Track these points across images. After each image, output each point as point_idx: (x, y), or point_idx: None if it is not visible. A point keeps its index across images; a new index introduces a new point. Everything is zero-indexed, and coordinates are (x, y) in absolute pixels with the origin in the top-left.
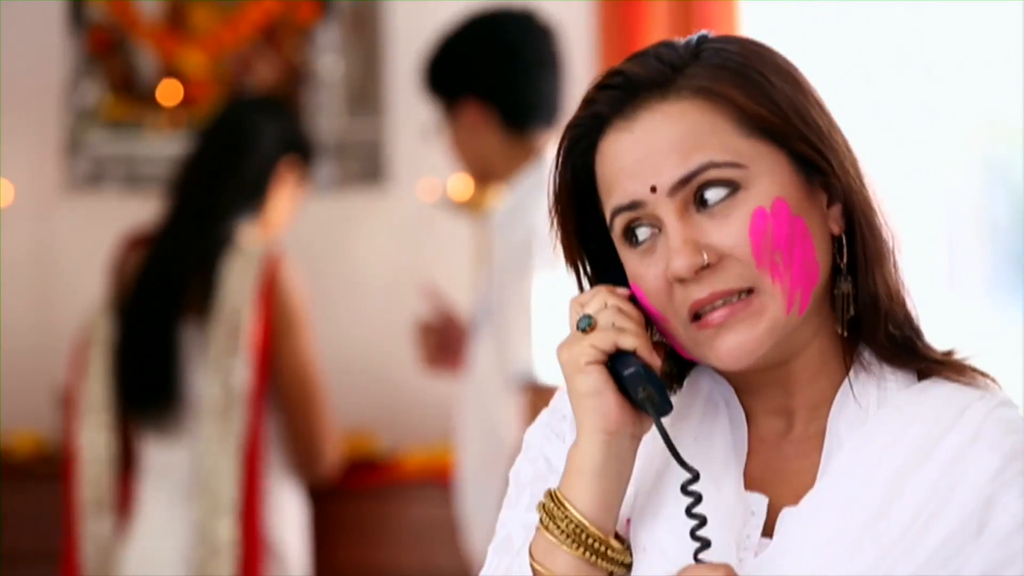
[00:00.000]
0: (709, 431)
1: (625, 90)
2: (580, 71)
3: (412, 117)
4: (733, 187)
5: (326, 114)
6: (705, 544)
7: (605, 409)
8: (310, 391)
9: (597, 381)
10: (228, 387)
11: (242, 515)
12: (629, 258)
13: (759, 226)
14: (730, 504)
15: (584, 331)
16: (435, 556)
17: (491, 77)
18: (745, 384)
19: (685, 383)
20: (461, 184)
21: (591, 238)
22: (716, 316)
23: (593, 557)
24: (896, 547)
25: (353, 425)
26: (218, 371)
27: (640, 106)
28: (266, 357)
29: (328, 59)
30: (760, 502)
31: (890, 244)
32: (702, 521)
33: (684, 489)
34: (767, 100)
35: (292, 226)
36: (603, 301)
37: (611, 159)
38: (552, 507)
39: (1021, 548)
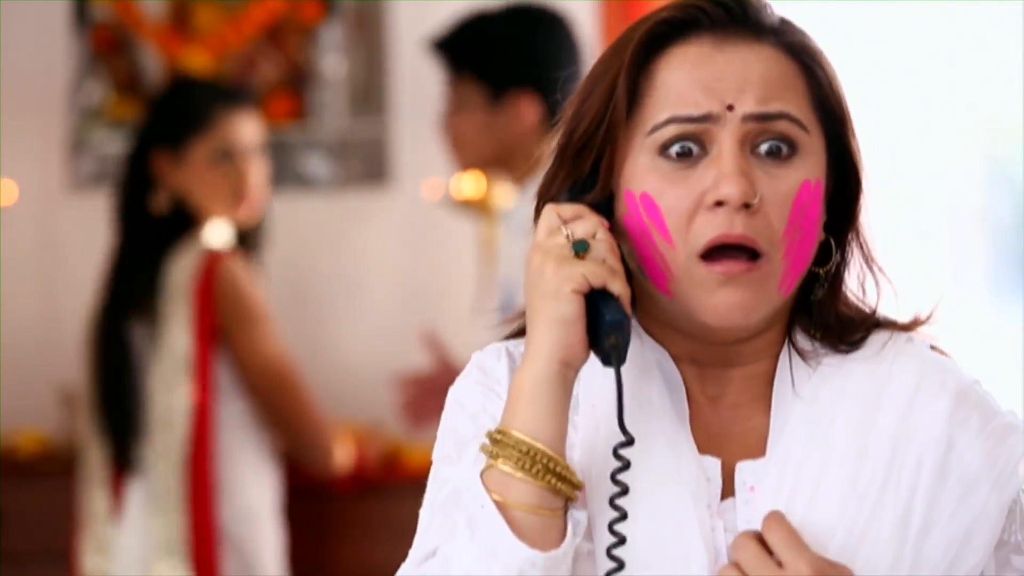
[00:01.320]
0: (645, 392)
1: (726, 13)
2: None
3: (416, 116)
4: (794, 150)
5: (330, 113)
6: (624, 490)
7: (570, 341)
8: (281, 384)
9: (574, 312)
10: (174, 384)
11: (190, 511)
12: (656, 169)
13: (803, 198)
14: (692, 468)
15: (577, 255)
16: None
17: (550, 72)
18: (688, 348)
19: None
20: (465, 183)
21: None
22: (732, 266)
23: (551, 479)
24: (874, 501)
25: (359, 423)
26: (161, 369)
27: (736, 33)
28: (208, 353)
29: (332, 58)
30: (714, 464)
31: (873, 259)
32: (624, 489)
33: (616, 452)
34: (836, 89)
35: (296, 225)
36: (594, 229)
37: (689, 67)
38: (500, 437)
39: (986, 494)
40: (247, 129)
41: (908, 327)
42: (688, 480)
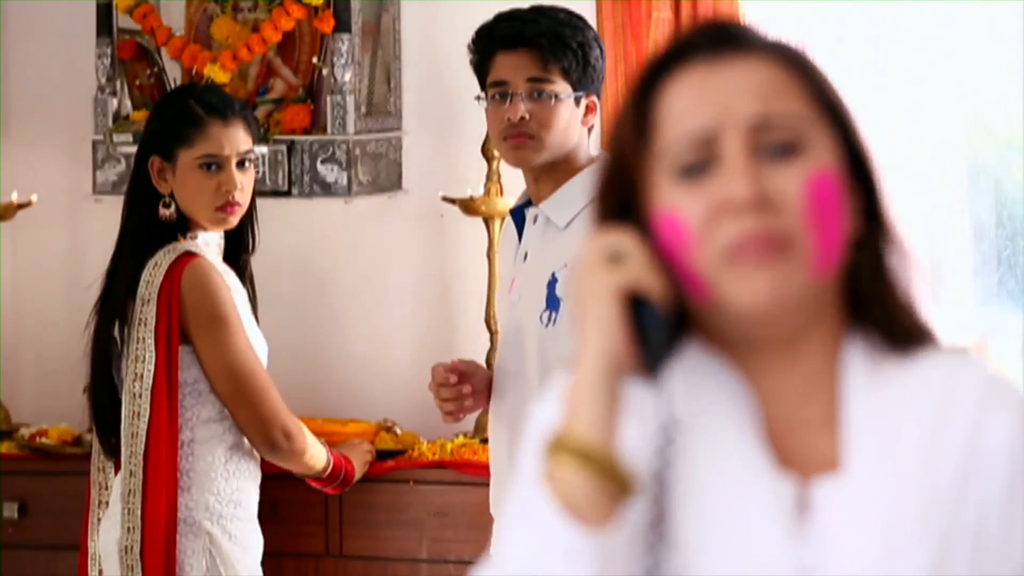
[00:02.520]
0: (718, 410)
1: (715, 36)
2: None
3: (428, 124)
4: (798, 144)
5: (344, 122)
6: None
7: (612, 343)
8: (240, 389)
9: (613, 314)
10: (139, 379)
11: (146, 506)
12: (671, 187)
13: (817, 185)
14: (763, 484)
15: (612, 262)
16: (451, 543)
17: (602, 79)
18: (744, 351)
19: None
20: (475, 189)
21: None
22: (753, 257)
23: (606, 480)
24: (947, 516)
25: (373, 419)
26: (131, 366)
27: (726, 52)
28: (172, 354)
29: (345, 67)
30: (789, 483)
31: (907, 250)
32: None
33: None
34: (837, 93)
35: (312, 231)
36: (630, 241)
37: (687, 90)
38: (556, 443)
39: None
40: (233, 139)
41: (966, 350)
42: (761, 496)
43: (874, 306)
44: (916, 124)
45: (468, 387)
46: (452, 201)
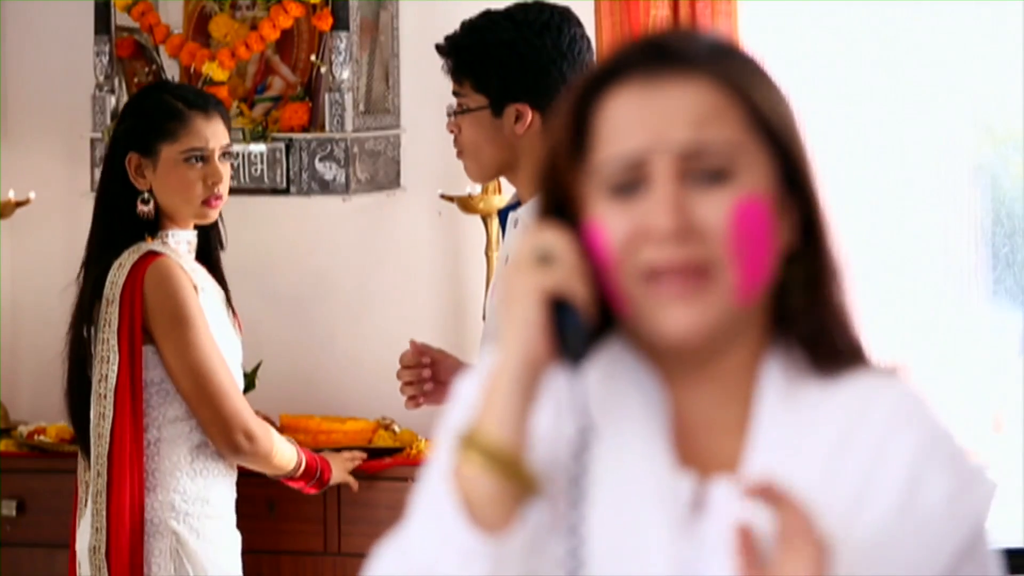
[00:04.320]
0: (625, 406)
1: (653, 53)
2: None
3: (426, 121)
4: (728, 171)
5: (342, 119)
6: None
7: (533, 343)
8: (200, 390)
9: (536, 316)
10: (104, 380)
11: (109, 507)
12: (603, 203)
13: (743, 213)
14: (663, 482)
15: (542, 265)
16: None
17: (550, 77)
18: (668, 362)
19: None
20: (473, 187)
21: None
22: (674, 287)
23: (511, 480)
24: (837, 527)
25: (374, 417)
26: (97, 367)
27: (664, 71)
28: (135, 354)
29: (343, 65)
30: (687, 479)
31: (843, 265)
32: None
33: (575, 456)
34: (777, 107)
35: (310, 229)
36: (559, 243)
37: (624, 108)
38: (468, 436)
39: (943, 532)
40: (216, 132)
41: (892, 371)
42: (658, 494)
43: (801, 323)
44: (916, 122)
45: (428, 371)
46: (450, 199)
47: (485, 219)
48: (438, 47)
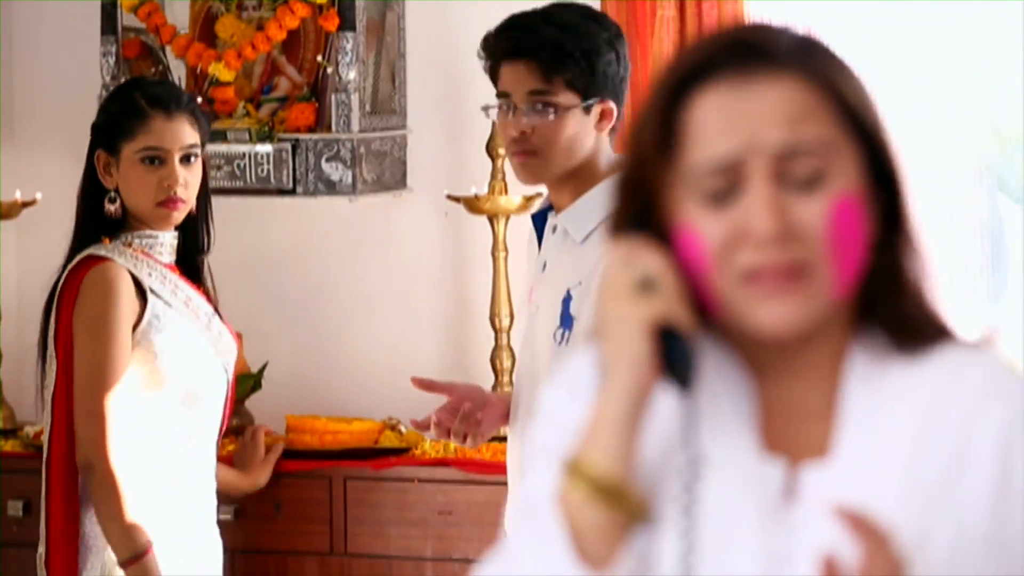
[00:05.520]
0: (713, 395)
1: (740, 51)
2: None
3: (432, 122)
4: (822, 170)
5: (349, 120)
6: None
7: (642, 379)
8: (77, 397)
9: (645, 352)
10: (48, 388)
11: (48, 511)
12: (693, 207)
13: (839, 213)
14: (748, 469)
15: (644, 292)
16: (455, 541)
17: (623, 86)
18: (755, 351)
19: None
20: (480, 188)
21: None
22: (773, 282)
23: (620, 511)
24: (931, 502)
25: (379, 416)
26: (48, 373)
27: (754, 70)
28: (68, 357)
29: (349, 65)
30: (778, 466)
31: (926, 251)
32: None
33: (683, 470)
34: (864, 100)
35: (316, 229)
36: (657, 264)
37: (714, 110)
38: (575, 467)
39: None
40: (176, 133)
41: (979, 344)
42: (748, 482)
43: (887, 307)
44: (921, 123)
45: (467, 404)
46: (457, 199)
47: (492, 220)
48: (517, 45)
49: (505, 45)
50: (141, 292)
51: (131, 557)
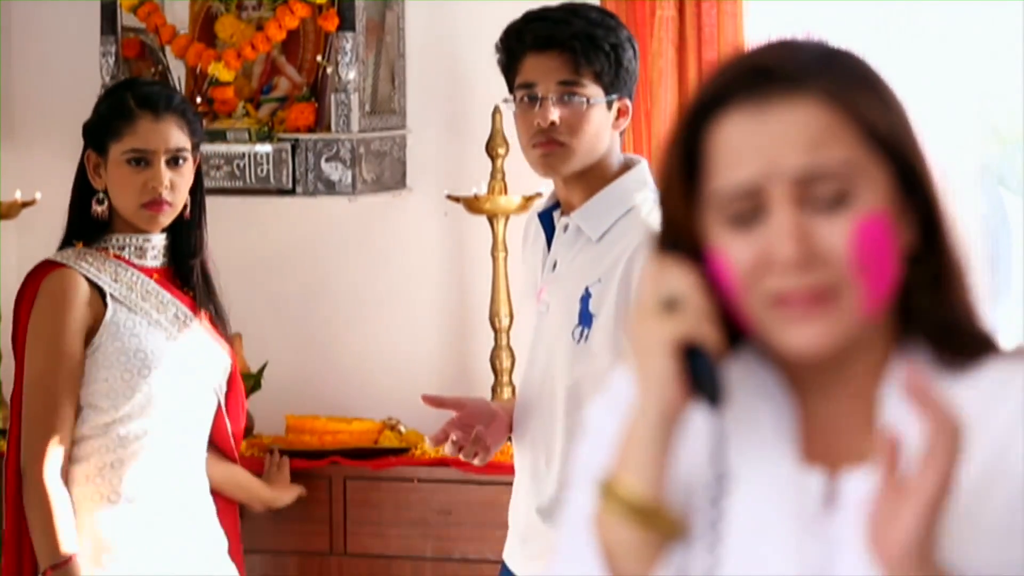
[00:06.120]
0: (752, 407)
1: (757, 75)
2: None
3: (431, 122)
4: (846, 191)
5: (349, 120)
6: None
7: (671, 397)
8: (24, 401)
9: (672, 370)
10: (10, 393)
11: (7, 513)
12: (720, 230)
13: (865, 234)
14: (786, 480)
15: (671, 310)
16: (455, 540)
17: (635, 85)
18: (795, 363)
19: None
20: (480, 187)
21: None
22: (800, 306)
23: (652, 528)
24: (965, 512)
25: (380, 416)
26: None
27: (772, 94)
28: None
29: (349, 65)
30: (818, 476)
31: (966, 260)
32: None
33: (713, 486)
34: (888, 114)
35: (315, 229)
36: (685, 283)
37: (736, 136)
38: (609, 487)
39: None
40: (163, 134)
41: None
42: (786, 491)
43: (927, 320)
44: (922, 122)
45: (480, 427)
46: (456, 199)
47: (491, 220)
48: (551, 35)
49: (537, 35)
50: (103, 298)
51: (51, 565)
